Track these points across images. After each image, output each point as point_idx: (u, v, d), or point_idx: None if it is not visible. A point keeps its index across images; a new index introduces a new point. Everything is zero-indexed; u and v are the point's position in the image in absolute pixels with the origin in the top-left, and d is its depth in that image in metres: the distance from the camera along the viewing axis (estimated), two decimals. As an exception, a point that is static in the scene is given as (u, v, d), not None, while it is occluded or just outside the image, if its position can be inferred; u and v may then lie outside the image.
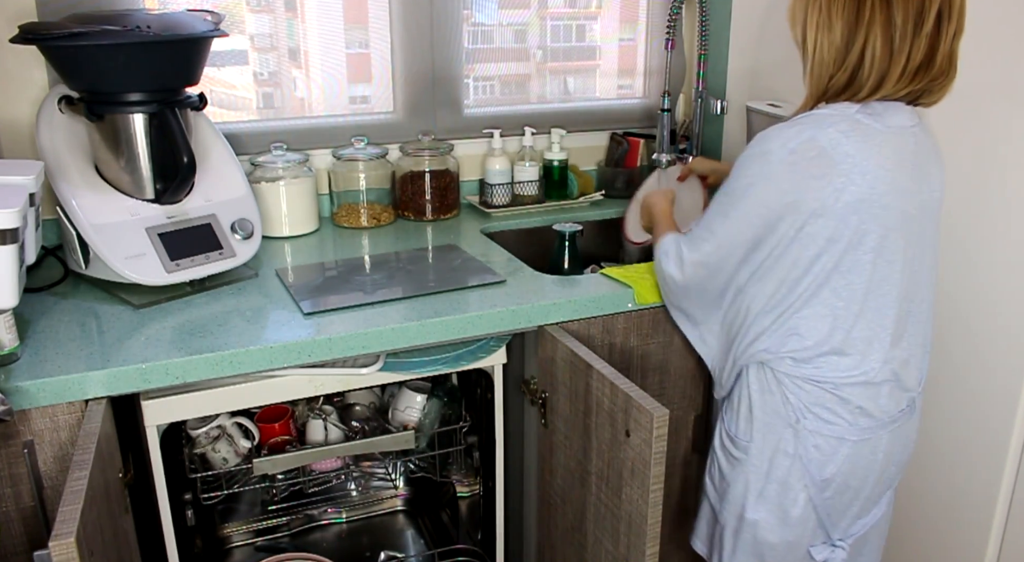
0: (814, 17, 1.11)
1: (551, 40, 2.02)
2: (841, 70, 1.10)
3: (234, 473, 1.53)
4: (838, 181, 1.07)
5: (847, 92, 1.12)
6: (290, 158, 1.67)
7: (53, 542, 0.83)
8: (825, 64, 1.11)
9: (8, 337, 1.09)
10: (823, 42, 1.10)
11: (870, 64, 1.08)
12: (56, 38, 1.23)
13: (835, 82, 1.12)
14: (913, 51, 1.06)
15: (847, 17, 1.08)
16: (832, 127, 1.08)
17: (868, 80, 1.09)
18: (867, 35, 1.07)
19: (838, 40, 1.09)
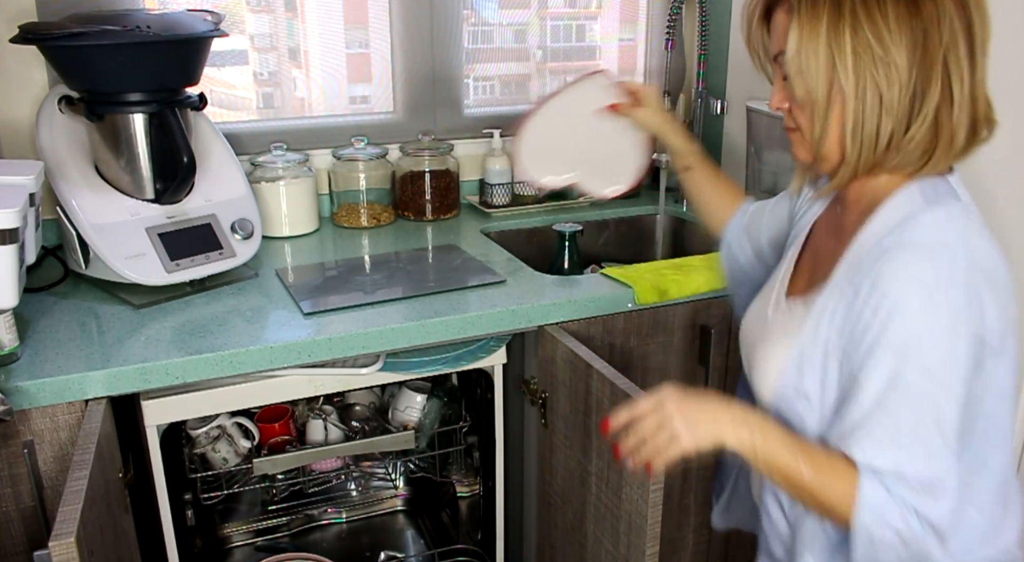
0: (861, 49, 0.79)
1: (551, 40, 2.02)
2: (918, 121, 0.81)
3: (234, 473, 1.53)
4: (1010, 302, 0.83)
5: (924, 158, 0.84)
6: (290, 158, 1.67)
7: (53, 542, 0.83)
8: (892, 115, 0.81)
9: (8, 337, 1.09)
10: (881, 82, 0.80)
11: (920, 123, 0.81)
12: (56, 38, 1.23)
13: (906, 141, 0.82)
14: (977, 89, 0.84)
15: (910, 42, 0.79)
16: (973, 235, 0.81)
17: (913, 142, 0.82)
18: (942, 74, 0.81)
19: (904, 76, 0.79)
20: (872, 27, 0.78)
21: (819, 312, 0.87)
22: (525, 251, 1.74)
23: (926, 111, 0.81)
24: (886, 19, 0.78)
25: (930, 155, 0.83)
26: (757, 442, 0.85)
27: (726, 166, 1.95)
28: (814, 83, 0.82)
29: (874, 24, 0.78)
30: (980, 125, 0.85)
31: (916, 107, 0.80)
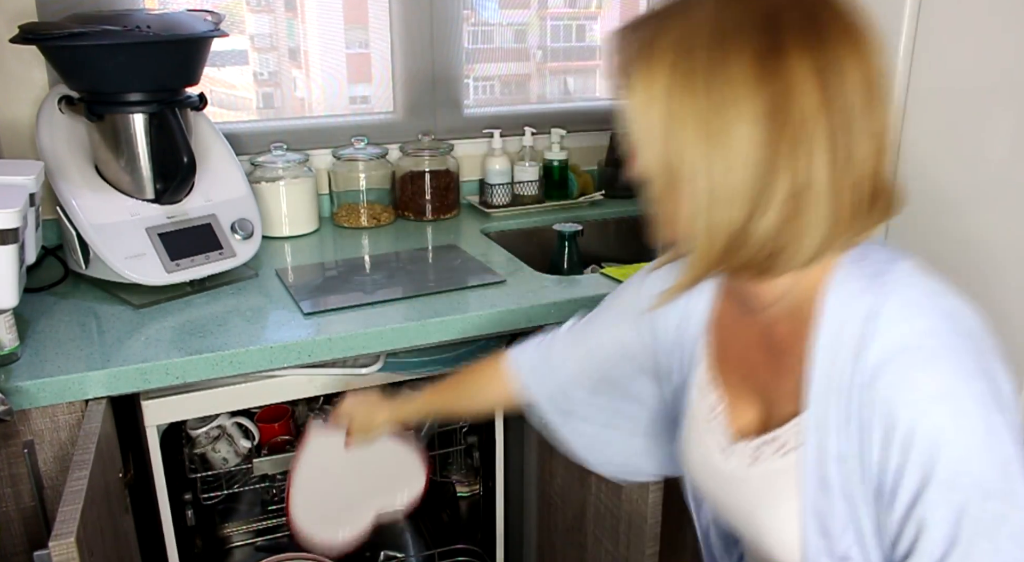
0: (697, 123, 0.64)
1: (551, 40, 2.02)
2: (770, 211, 0.66)
3: (234, 473, 1.53)
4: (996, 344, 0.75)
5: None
6: (290, 158, 1.67)
7: (53, 542, 0.83)
8: (734, 203, 0.66)
9: (8, 337, 1.09)
10: (718, 164, 0.65)
11: (815, 208, 0.66)
12: (56, 38, 1.23)
13: (756, 235, 0.67)
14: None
15: (763, 114, 0.63)
16: (941, 298, 0.72)
17: (808, 236, 0.67)
18: (805, 153, 0.64)
19: (750, 156, 0.64)
20: (713, 96, 0.63)
21: (815, 458, 0.72)
22: (525, 251, 1.74)
23: (778, 199, 0.64)
24: (731, 85, 0.62)
25: (794, 251, 0.67)
26: None
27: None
28: (649, 158, 0.68)
29: (715, 92, 0.63)
30: (874, 204, 0.70)
31: (766, 194, 0.64)
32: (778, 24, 0.62)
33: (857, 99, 0.63)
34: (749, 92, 0.62)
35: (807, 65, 0.62)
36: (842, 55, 0.63)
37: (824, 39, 0.62)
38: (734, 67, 0.62)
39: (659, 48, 0.65)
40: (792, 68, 0.62)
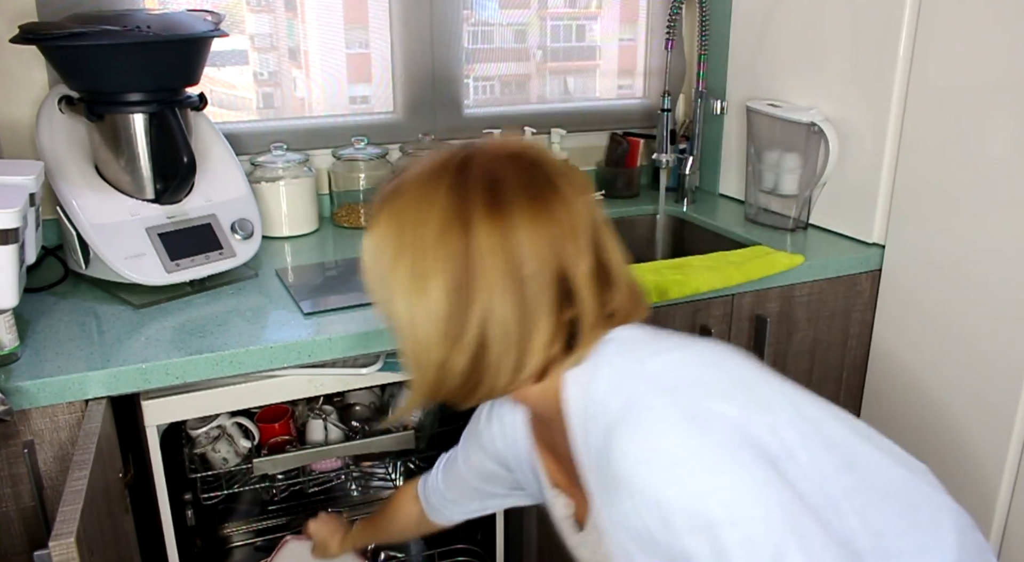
0: (400, 274, 0.78)
1: (551, 40, 2.02)
2: (458, 352, 0.78)
3: (234, 473, 1.53)
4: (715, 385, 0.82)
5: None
6: (290, 158, 1.67)
7: (53, 542, 0.83)
8: (430, 349, 0.80)
9: (8, 337, 1.09)
10: (419, 311, 0.79)
11: (499, 342, 0.78)
12: (56, 38, 1.23)
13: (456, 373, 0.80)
14: (577, 307, 0.79)
15: (450, 270, 0.76)
16: (640, 362, 0.80)
17: (503, 364, 0.79)
18: (485, 297, 0.76)
19: (440, 308, 0.77)
20: (416, 262, 0.76)
21: (616, 538, 0.77)
22: (525, 251, 1.74)
23: (467, 341, 0.76)
24: (424, 252, 0.75)
25: (492, 381, 0.78)
26: None
27: (725, 166, 1.95)
28: (380, 307, 0.81)
29: (417, 258, 0.76)
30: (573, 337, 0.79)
31: (457, 338, 0.76)
32: (465, 201, 0.75)
33: (531, 258, 0.75)
34: (439, 257, 0.75)
35: (484, 233, 0.74)
36: (518, 223, 0.75)
37: (502, 212, 0.75)
38: (428, 237, 0.75)
39: (380, 221, 0.79)
40: (473, 237, 0.74)
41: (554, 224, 0.76)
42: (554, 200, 0.77)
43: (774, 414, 0.76)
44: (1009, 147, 1.32)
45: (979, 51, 1.33)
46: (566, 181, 0.79)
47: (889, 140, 1.51)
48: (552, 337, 0.77)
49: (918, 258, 1.50)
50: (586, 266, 0.78)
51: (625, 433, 0.72)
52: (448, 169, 0.77)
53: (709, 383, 0.76)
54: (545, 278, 0.75)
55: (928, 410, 1.51)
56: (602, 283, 0.80)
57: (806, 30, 1.64)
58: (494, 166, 0.77)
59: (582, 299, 0.78)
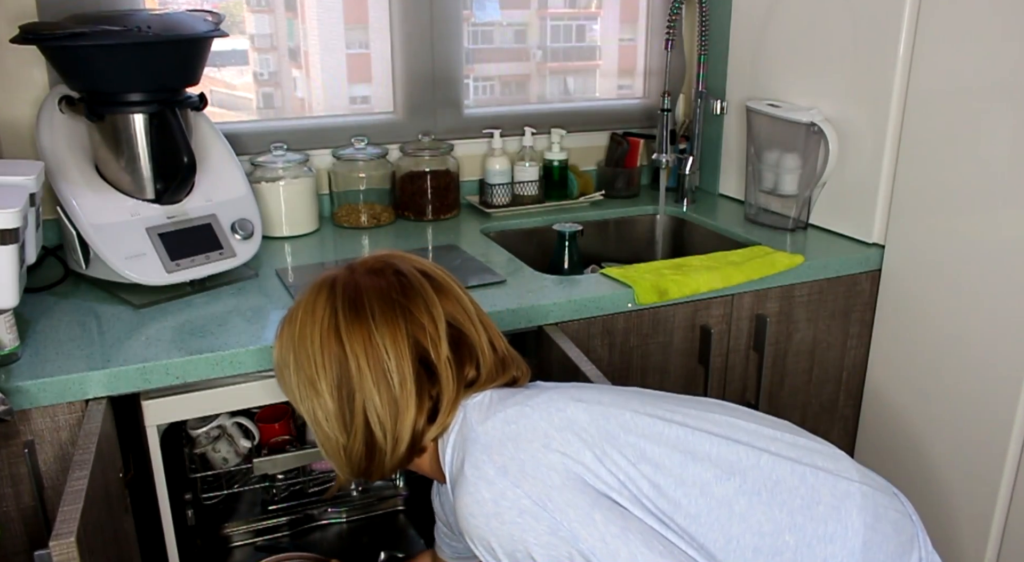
0: (300, 378, 0.94)
1: (551, 40, 2.02)
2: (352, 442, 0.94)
3: (234, 473, 1.53)
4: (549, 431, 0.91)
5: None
6: (290, 158, 1.67)
7: (53, 542, 0.83)
8: (330, 439, 0.95)
9: (8, 337, 1.09)
10: (317, 410, 0.94)
11: (381, 427, 0.92)
12: (56, 38, 1.23)
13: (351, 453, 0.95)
14: (438, 389, 0.92)
15: (333, 370, 0.92)
16: (476, 423, 0.90)
17: (399, 444, 0.93)
18: (363, 393, 0.91)
19: (331, 406, 0.92)
20: (305, 369, 0.92)
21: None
22: (525, 251, 1.74)
23: (356, 429, 0.91)
24: (311, 362, 0.91)
25: (380, 461, 0.93)
26: None
27: (726, 166, 1.95)
28: (290, 399, 0.98)
29: (305, 366, 0.92)
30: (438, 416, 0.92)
31: (347, 427, 0.92)
32: (335, 314, 0.91)
33: (391, 352, 0.89)
34: (322, 364, 0.90)
35: (352, 338, 0.89)
36: (377, 325, 0.90)
37: (362, 318, 0.90)
38: (313, 348, 0.91)
39: (279, 341, 0.96)
40: (344, 342, 0.90)
41: (408, 321, 0.91)
42: (409, 300, 0.92)
43: (620, 447, 0.84)
44: (1009, 147, 1.32)
45: (979, 51, 1.33)
46: (424, 282, 0.94)
47: (889, 140, 1.51)
48: (419, 413, 0.90)
49: (918, 258, 1.50)
50: (443, 351, 0.91)
51: (459, 491, 0.85)
52: (323, 290, 0.94)
53: (542, 430, 0.85)
54: (406, 367, 0.89)
55: (928, 410, 1.51)
56: (462, 360, 0.93)
57: (806, 30, 1.64)
58: (357, 280, 0.93)
59: (441, 379, 0.91)
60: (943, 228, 1.44)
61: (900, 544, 0.87)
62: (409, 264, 0.97)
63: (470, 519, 0.83)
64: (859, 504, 0.87)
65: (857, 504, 0.86)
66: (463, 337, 0.94)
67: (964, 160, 1.39)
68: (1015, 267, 1.34)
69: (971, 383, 1.43)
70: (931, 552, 0.90)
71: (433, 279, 0.96)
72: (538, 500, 0.80)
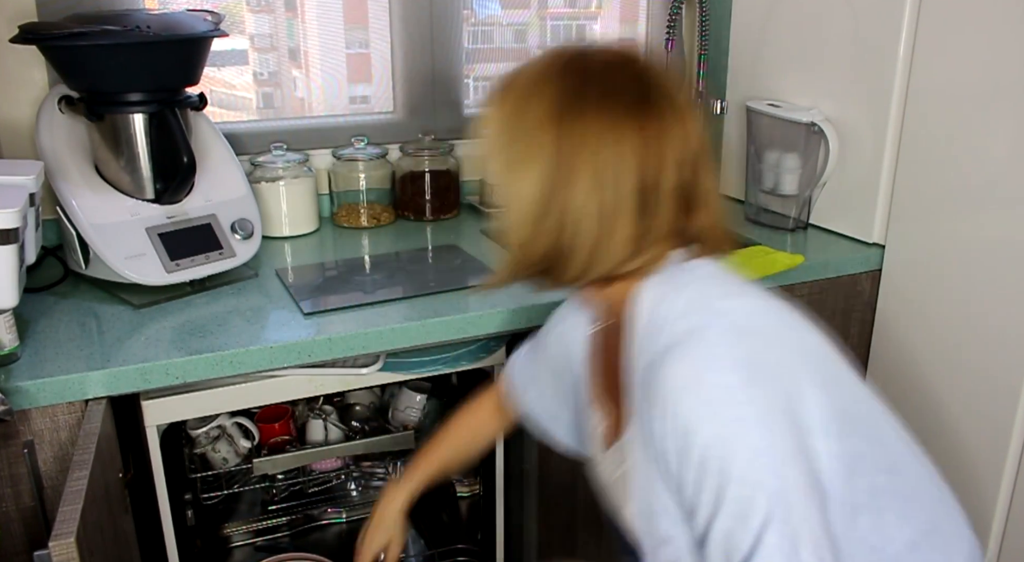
0: (509, 152, 0.83)
1: (551, 40, 2.02)
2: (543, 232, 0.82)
3: (234, 473, 1.53)
4: (785, 349, 0.81)
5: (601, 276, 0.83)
6: (290, 158, 1.67)
7: (53, 542, 0.83)
8: (521, 226, 0.84)
9: (8, 337, 1.09)
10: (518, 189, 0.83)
11: (572, 236, 0.81)
12: (56, 38, 1.23)
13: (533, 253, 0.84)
14: (649, 221, 0.80)
15: (545, 158, 0.80)
16: (716, 299, 0.81)
17: (574, 259, 0.82)
18: (566, 191, 0.80)
19: (537, 193, 0.81)
20: (514, 141, 0.81)
21: (640, 458, 0.81)
22: (525, 251, 1.74)
23: (550, 224, 0.80)
24: (523, 135, 0.80)
25: (565, 266, 0.82)
26: None
27: (726, 166, 1.95)
28: (487, 173, 0.90)
29: (515, 138, 0.81)
30: (667, 239, 0.82)
31: (542, 220, 0.81)
32: (564, 98, 0.79)
33: (615, 162, 0.78)
34: (533, 147, 0.79)
35: (575, 132, 0.78)
36: (606, 128, 0.78)
37: (593, 115, 0.78)
38: (528, 127, 0.80)
39: (492, 107, 0.84)
40: (565, 133, 0.78)
41: (642, 135, 0.78)
42: (648, 112, 0.79)
43: (831, 395, 0.78)
44: (1009, 147, 1.31)
45: (979, 51, 1.33)
46: (666, 98, 0.80)
47: (889, 140, 1.51)
48: (625, 243, 0.80)
49: (918, 258, 1.50)
50: (669, 183, 0.79)
51: (679, 356, 0.74)
52: (556, 67, 0.81)
53: (775, 340, 0.77)
54: (627, 185, 0.78)
55: (928, 410, 1.51)
56: (684, 204, 0.81)
57: (806, 30, 1.64)
58: (599, 70, 0.80)
59: (659, 213, 0.80)
60: (943, 228, 1.44)
61: None
62: (657, 72, 0.83)
63: (683, 393, 0.73)
64: (967, 552, 0.86)
65: (966, 550, 0.86)
66: (695, 178, 0.82)
67: (964, 160, 1.39)
68: (1016, 267, 1.34)
69: (971, 383, 1.43)
70: None
71: (675, 103, 0.81)
72: (762, 413, 0.72)
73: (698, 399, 0.73)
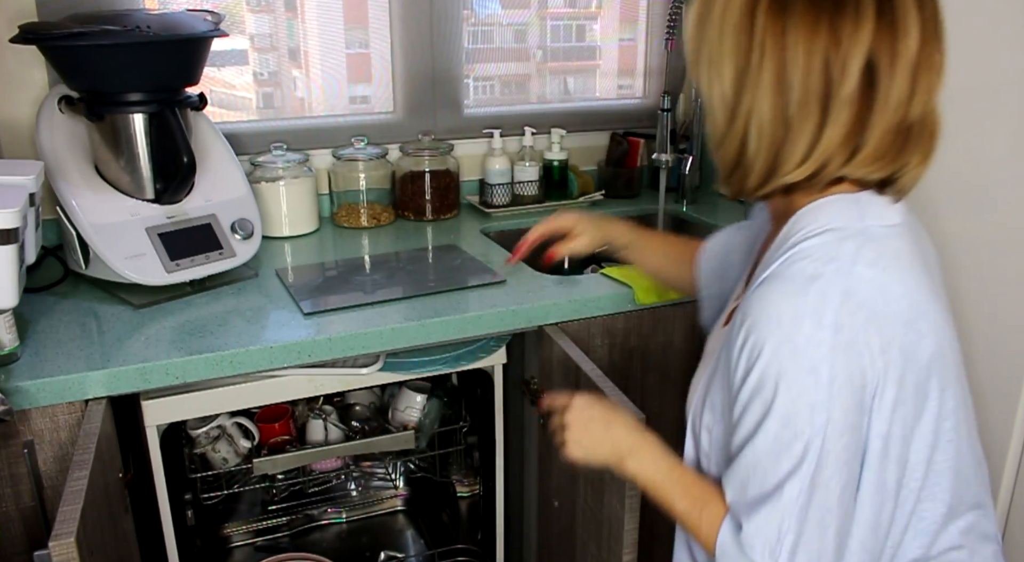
0: (705, 49, 0.82)
1: (551, 40, 2.02)
2: (726, 140, 0.83)
3: (234, 473, 1.53)
4: (907, 339, 0.78)
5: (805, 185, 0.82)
6: (290, 158, 1.67)
7: (53, 542, 0.83)
8: (715, 127, 0.84)
9: (8, 337, 1.09)
10: (712, 92, 0.83)
11: (756, 140, 0.80)
12: (56, 38, 1.23)
13: (725, 158, 0.84)
14: (823, 128, 0.78)
15: (737, 56, 0.79)
16: (860, 262, 0.77)
17: (756, 165, 0.82)
18: (754, 93, 0.79)
19: (729, 93, 0.81)
20: (711, 42, 0.81)
21: (719, 350, 0.88)
22: (525, 251, 1.74)
23: (734, 132, 0.81)
24: (720, 36, 0.80)
25: (745, 172, 0.83)
26: (638, 474, 0.92)
27: (726, 166, 1.95)
28: (690, 73, 0.87)
29: (713, 39, 0.81)
30: (855, 155, 0.80)
31: (732, 124, 0.82)
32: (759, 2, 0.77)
33: (801, 66, 0.76)
34: (728, 49, 0.79)
35: (768, 33, 0.77)
36: (799, 29, 0.76)
37: (788, 17, 0.76)
38: (726, 29, 0.79)
39: (695, 7, 0.83)
40: (757, 35, 0.77)
41: (829, 40, 0.76)
42: (840, 19, 0.76)
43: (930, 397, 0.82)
44: (1009, 147, 1.32)
45: (979, 51, 1.33)
46: (867, 7, 0.78)
47: (889, 140, 1.51)
48: (800, 150, 0.79)
49: (918, 258, 1.50)
50: (848, 86, 0.77)
51: (791, 292, 0.76)
52: None
53: (886, 321, 0.76)
54: (812, 87, 0.76)
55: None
56: (861, 116, 0.78)
57: (806, 30, 1.64)
58: None
59: (838, 121, 0.77)
60: (943, 228, 1.44)
61: None
62: None
63: (774, 327, 0.75)
64: None
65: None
66: (875, 84, 0.79)
67: (964, 160, 1.39)
68: (1016, 267, 1.34)
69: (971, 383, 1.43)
70: None
71: (860, 8, 0.78)
72: (831, 375, 0.74)
73: (785, 338, 0.75)
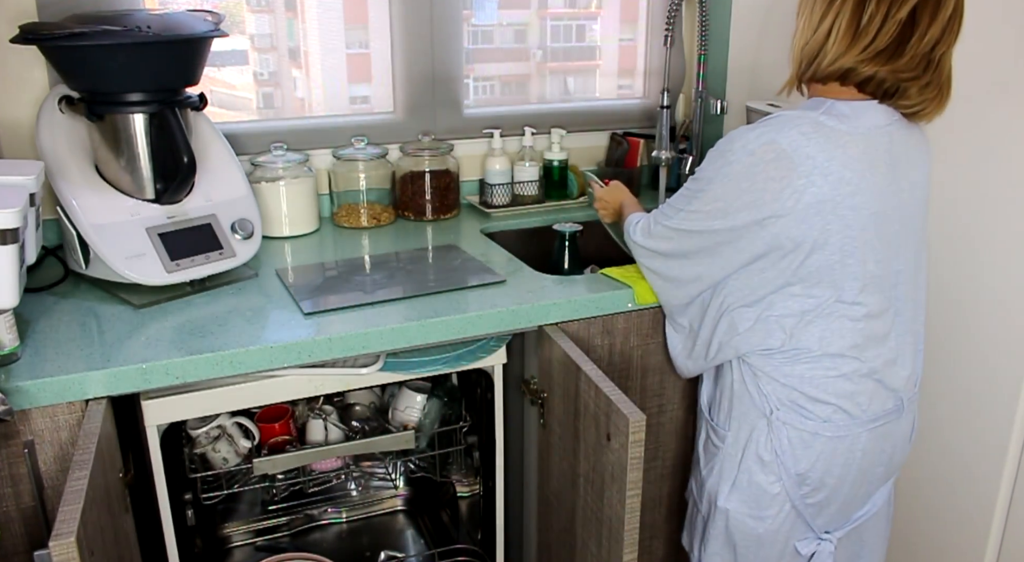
0: (806, 3, 1.13)
1: (551, 40, 2.02)
2: (807, 48, 1.12)
3: (234, 473, 1.53)
4: (798, 183, 1.06)
5: (816, 74, 1.12)
6: (290, 158, 1.67)
7: (53, 542, 0.83)
8: (798, 45, 1.14)
9: (8, 337, 1.09)
10: (803, 24, 1.13)
11: (833, 42, 1.08)
12: (56, 38, 1.23)
13: (804, 59, 1.13)
14: (879, 34, 1.05)
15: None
16: (794, 129, 1.07)
17: (828, 60, 1.09)
18: (837, 12, 1.07)
19: (816, 20, 1.10)
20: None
21: None
22: (525, 251, 1.74)
23: (814, 41, 1.11)
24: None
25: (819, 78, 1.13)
26: (625, 216, 1.42)
27: (726, 166, 1.95)
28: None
29: None
30: (864, 60, 1.08)
31: (808, 39, 1.13)
32: None
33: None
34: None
35: None
36: None
37: None
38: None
39: None
40: None
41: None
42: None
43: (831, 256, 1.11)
44: (1009, 147, 1.32)
45: (979, 51, 1.33)
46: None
47: (889, 140, 1.51)
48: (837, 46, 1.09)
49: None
50: (898, 17, 1.05)
51: (744, 128, 1.13)
52: None
53: (796, 165, 1.07)
54: (874, 19, 1.06)
55: (927, 410, 1.51)
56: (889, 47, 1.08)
57: (806, 30, 1.63)
58: None
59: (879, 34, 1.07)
60: (943, 228, 1.44)
61: None
62: None
63: (717, 145, 1.14)
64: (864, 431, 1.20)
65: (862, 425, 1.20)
66: (911, 31, 1.07)
67: (963, 160, 1.39)
68: (1015, 267, 1.34)
69: (971, 383, 1.43)
70: None
71: None
72: (736, 184, 1.10)
73: (721, 150, 1.13)
